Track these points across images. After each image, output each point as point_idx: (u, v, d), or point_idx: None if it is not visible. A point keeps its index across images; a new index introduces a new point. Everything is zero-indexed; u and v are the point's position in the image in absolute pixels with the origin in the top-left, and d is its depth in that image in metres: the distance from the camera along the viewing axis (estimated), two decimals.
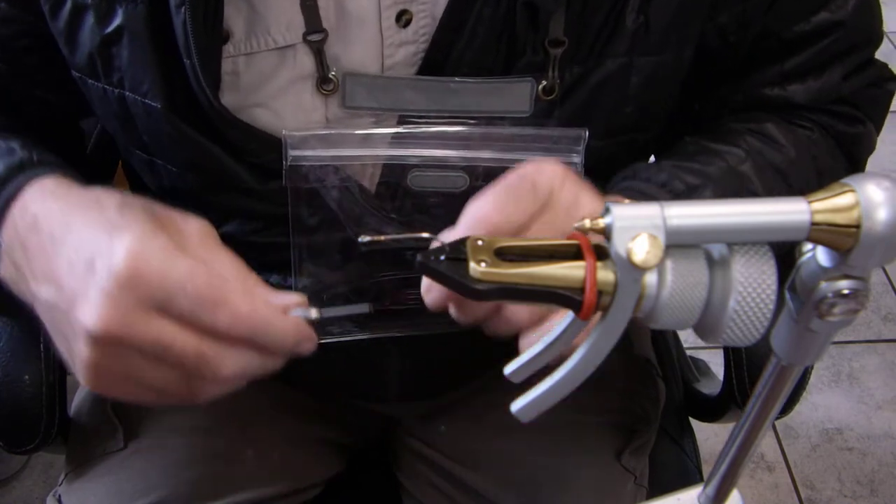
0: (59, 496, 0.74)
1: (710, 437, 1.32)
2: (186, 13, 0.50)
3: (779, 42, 0.61)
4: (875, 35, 0.65)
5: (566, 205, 0.44)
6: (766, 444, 1.55)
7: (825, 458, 1.55)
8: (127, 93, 0.56)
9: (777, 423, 1.57)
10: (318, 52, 0.54)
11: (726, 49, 0.61)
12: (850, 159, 0.66)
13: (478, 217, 0.43)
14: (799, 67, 0.62)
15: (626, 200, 0.51)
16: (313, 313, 0.47)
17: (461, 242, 0.26)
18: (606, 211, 0.25)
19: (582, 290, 0.26)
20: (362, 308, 0.50)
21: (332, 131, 0.56)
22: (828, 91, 0.63)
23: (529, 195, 0.44)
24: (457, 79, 0.55)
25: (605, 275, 0.26)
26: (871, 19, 0.64)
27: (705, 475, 0.42)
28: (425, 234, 0.24)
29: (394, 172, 0.57)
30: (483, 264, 0.25)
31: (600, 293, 0.26)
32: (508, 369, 0.32)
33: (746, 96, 0.64)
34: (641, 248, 0.25)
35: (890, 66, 0.67)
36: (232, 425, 0.76)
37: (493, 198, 0.44)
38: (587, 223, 0.26)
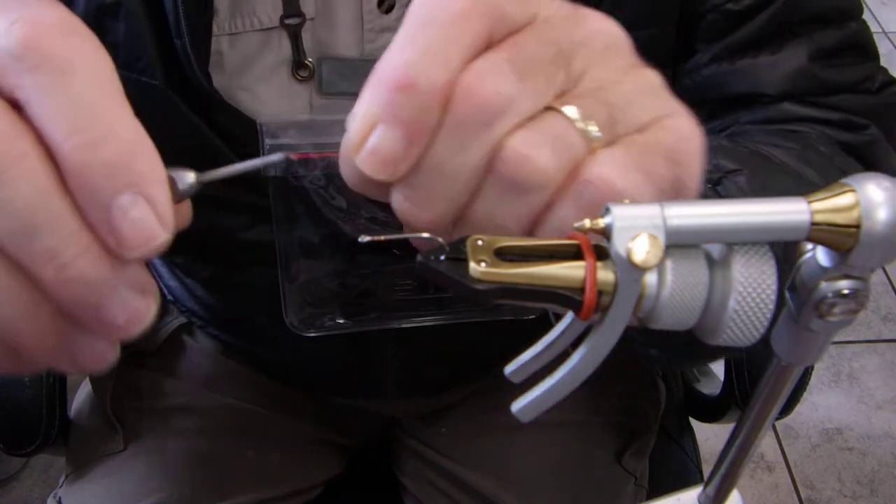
0: (60, 498, 0.74)
1: (710, 437, 1.32)
2: None
3: (726, 16, 0.55)
4: (848, 9, 0.57)
5: (564, 13, 0.30)
6: (766, 444, 1.55)
7: (825, 458, 1.55)
8: (121, 70, 0.55)
9: (777, 423, 1.57)
10: (295, 36, 0.53)
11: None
12: (868, 168, 0.57)
13: None
14: (748, 38, 0.56)
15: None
16: (190, 177, 0.28)
17: (461, 242, 0.26)
18: (606, 211, 0.25)
19: (582, 290, 0.26)
20: (276, 157, 0.31)
21: (311, 118, 0.54)
22: (795, 74, 0.56)
23: None
24: None
25: (605, 275, 0.26)
26: None
27: (705, 475, 0.42)
28: (426, 234, 0.24)
29: None
30: (483, 264, 0.25)
31: (600, 293, 0.26)
32: (508, 369, 0.32)
33: (695, 80, 0.57)
34: (641, 248, 0.25)
35: (889, 70, 0.61)
36: (232, 427, 0.76)
37: None
38: (587, 223, 0.26)
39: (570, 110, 0.28)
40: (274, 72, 0.55)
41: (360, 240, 0.29)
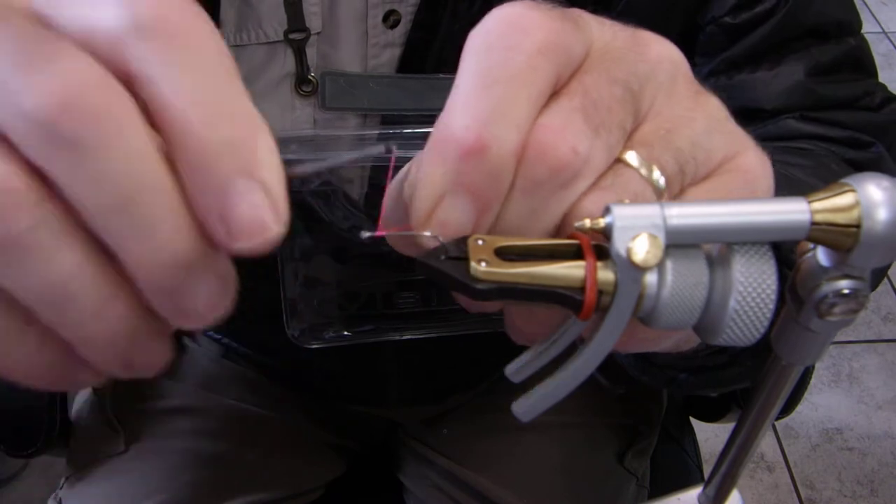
0: (60, 499, 0.74)
1: (711, 437, 1.32)
2: None
3: (724, 29, 0.56)
4: (847, 25, 0.58)
5: (624, 42, 0.28)
6: (766, 444, 1.55)
7: (825, 458, 1.55)
8: None
9: (777, 423, 1.57)
10: (299, 51, 0.53)
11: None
12: None
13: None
14: (746, 53, 0.56)
15: None
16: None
17: (462, 241, 0.26)
18: (607, 211, 0.25)
19: (582, 289, 0.26)
20: (377, 150, 0.29)
21: (314, 132, 0.54)
22: (793, 89, 0.56)
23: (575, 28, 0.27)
24: (440, 76, 0.53)
25: (606, 275, 0.26)
26: (834, 5, 0.57)
27: (705, 475, 0.42)
28: (427, 234, 0.23)
29: (381, 175, 0.56)
30: (483, 264, 0.25)
31: (600, 293, 0.26)
32: (508, 369, 0.32)
33: None
34: (641, 248, 0.25)
35: (889, 71, 0.62)
36: (233, 429, 0.76)
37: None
38: (587, 223, 0.26)
39: (638, 160, 0.26)
40: (277, 86, 0.54)
41: (361, 235, 0.29)
